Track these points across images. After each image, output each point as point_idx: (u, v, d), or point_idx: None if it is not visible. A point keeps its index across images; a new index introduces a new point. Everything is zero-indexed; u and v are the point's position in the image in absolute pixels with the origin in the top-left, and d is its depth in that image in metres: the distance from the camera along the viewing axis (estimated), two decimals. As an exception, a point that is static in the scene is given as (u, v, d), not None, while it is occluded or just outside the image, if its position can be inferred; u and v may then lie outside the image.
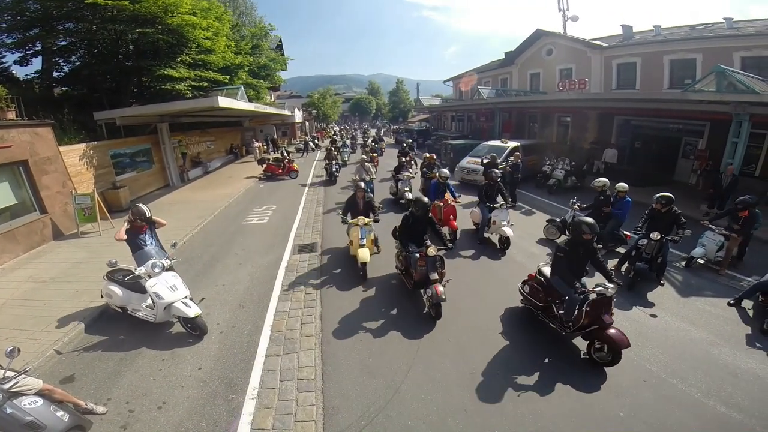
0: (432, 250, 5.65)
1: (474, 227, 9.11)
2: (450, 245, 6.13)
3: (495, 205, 8.35)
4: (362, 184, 7.60)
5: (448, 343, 5.08)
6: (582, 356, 4.74)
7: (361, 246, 6.83)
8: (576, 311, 4.60)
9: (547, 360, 4.70)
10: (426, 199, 6.09)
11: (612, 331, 4.37)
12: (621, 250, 7.72)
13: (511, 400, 4.04)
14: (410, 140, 22.57)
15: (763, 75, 12.58)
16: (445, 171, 9.18)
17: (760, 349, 4.80)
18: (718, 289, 6.39)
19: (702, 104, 11.12)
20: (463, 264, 7.65)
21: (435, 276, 5.57)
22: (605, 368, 4.46)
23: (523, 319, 5.61)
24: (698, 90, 11.65)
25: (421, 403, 4.04)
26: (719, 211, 8.31)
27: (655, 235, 6.30)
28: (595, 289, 4.52)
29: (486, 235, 8.62)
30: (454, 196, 8.83)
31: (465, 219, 9.43)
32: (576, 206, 8.40)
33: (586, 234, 4.62)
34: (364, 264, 6.77)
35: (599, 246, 7.99)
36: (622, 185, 7.89)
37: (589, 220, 4.75)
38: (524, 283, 5.62)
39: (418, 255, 5.74)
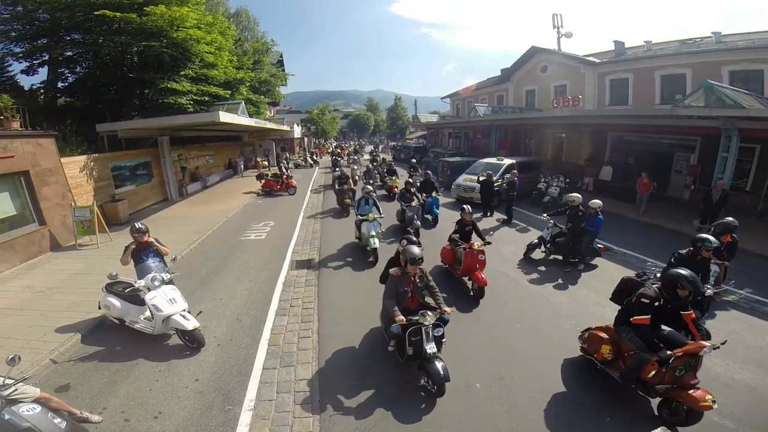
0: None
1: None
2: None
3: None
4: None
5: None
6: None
7: None
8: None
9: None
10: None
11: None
12: (596, 262, 8.13)
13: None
14: (413, 160, 19.38)
15: (751, 89, 12.79)
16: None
17: (753, 362, 4.83)
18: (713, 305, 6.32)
19: (692, 119, 11.23)
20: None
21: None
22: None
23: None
24: (687, 105, 11.80)
25: (417, 417, 4.04)
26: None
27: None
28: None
29: None
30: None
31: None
32: (551, 223, 8.50)
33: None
34: None
35: (576, 260, 8.03)
36: (596, 202, 8.02)
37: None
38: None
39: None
